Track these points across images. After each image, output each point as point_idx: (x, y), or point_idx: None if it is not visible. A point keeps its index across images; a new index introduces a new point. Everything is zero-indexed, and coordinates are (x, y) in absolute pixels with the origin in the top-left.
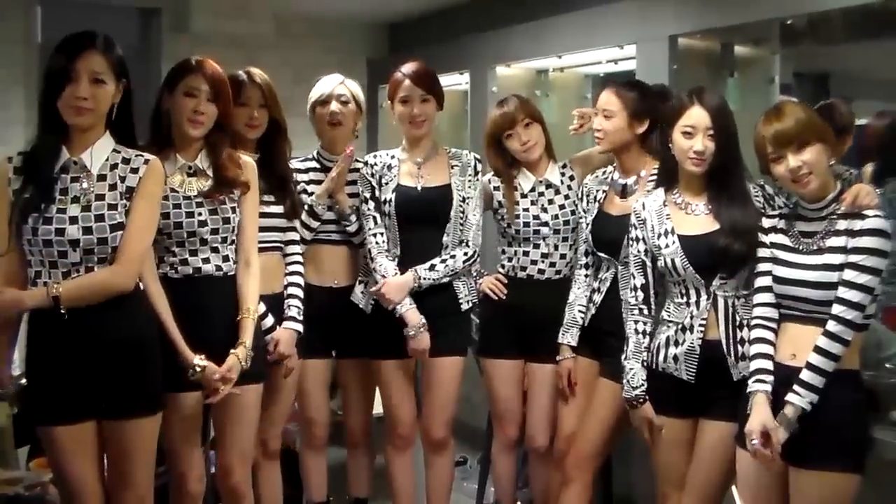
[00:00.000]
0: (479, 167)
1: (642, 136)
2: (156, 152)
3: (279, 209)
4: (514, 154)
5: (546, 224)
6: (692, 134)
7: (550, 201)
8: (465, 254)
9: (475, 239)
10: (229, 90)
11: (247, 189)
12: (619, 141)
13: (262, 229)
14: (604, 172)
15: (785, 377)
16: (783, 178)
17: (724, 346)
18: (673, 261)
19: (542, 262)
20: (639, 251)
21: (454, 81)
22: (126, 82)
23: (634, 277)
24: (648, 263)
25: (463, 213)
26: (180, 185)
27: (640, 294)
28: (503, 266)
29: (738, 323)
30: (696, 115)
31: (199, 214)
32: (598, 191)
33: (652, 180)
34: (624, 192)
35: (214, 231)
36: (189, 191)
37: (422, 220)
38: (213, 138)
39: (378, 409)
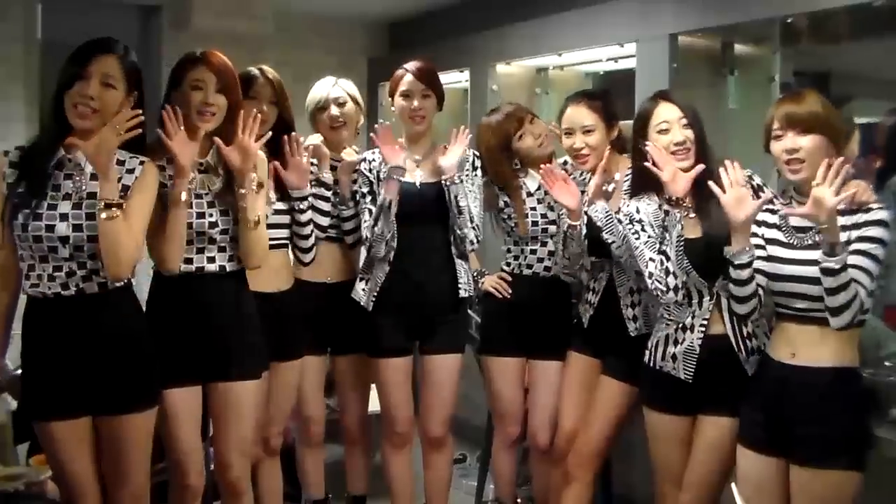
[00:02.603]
0: (478, 163)
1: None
2: (165, 151)
3: (285, 206)
4: (528, 152)
5: (554, 223)
6: (668, 129)
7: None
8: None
9: (477, 227)
10: (237, 81)
11: (259, 188)
12: (603, 153)
13: (268, 226)
14: (581, 174)
15: (785, 377)
16: (778, 157)
17: (735, 344)
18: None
19: (549, 259)
20: (649, 237)
21: (454, 79)
22: (138, 94)
23: (653, 261)
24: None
25: None
26: (191, 183)
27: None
28: (508, 264)
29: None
30: (666, 110)
31: (210, 215)
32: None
33: (626, 180)
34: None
35: (224, 231)
36: (200, 188)
37: (420, 216)
38: (224, 131)
39: (376, 406)
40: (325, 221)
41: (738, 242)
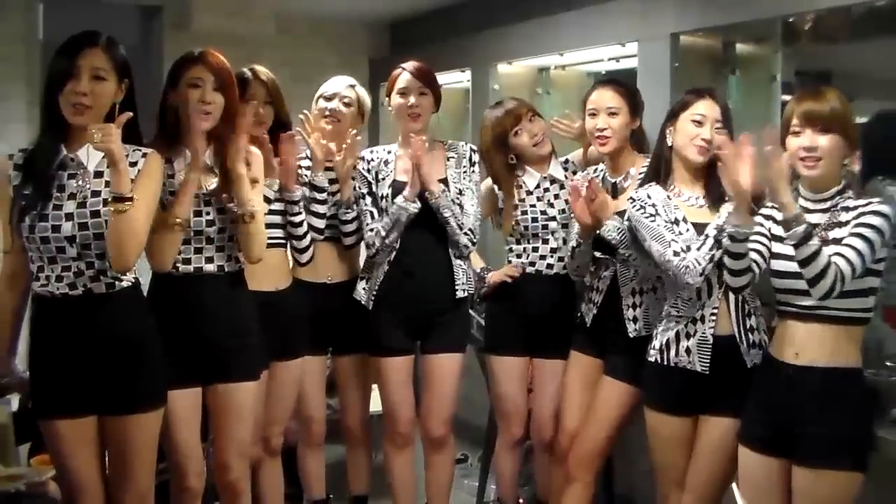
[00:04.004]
0: (476, 158)
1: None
2: (163, 149)
3: (282, 206)
4: (523, 150)
5: (554, 219)
6: (702, 122)
7: (556, 196)
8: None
9: (474, 226)
10: (234, 80)
11: (254, 184)
12: (624, 138)
13: (266, 226)
14: (595, 170)
15: (787, 377)
16: (793, 154)
17: (737, 335)
18: (688, 247)
19: (551, 256)
20: (665, 221)
21: (456, 79)
22: (129, 82)
23: (671, 244)
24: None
25: (460, 205)
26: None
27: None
28: (510, 262)
29: (747, 312)
30: (707, 106)
31: (207, 214)
32: None
33: (640, 178)
34: (615, 192)
35: (221, 231)
36: (196, 188)
37: (420, 216)
38: (220, 131)
39: (377, 406)
40: (320, 223)
41: (739, 217)
